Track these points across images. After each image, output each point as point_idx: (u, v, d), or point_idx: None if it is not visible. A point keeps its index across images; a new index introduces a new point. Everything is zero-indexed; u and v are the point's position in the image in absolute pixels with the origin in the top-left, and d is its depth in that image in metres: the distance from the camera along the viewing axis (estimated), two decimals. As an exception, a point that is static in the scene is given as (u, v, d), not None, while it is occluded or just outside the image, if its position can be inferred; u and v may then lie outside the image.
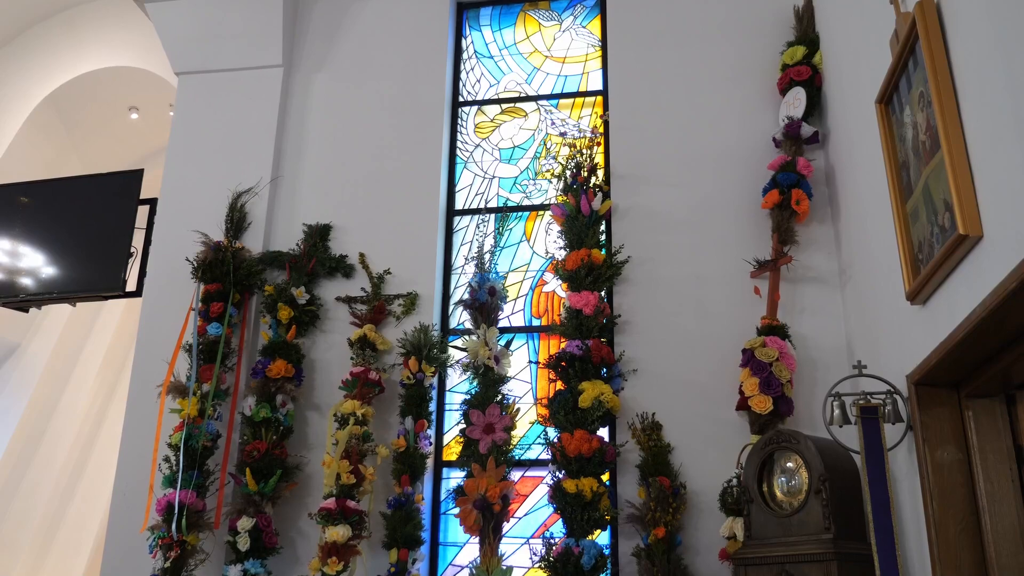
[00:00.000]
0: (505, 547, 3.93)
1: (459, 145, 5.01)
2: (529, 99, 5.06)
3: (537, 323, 4.60)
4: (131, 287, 4.85)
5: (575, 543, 3.67)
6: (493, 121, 5.07)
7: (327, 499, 3.91)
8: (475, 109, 5.11)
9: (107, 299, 5.12)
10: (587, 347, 3.98)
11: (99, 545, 7.59)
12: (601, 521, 3.78)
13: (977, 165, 2.20)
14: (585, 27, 5.14)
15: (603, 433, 4.00)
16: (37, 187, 5.33)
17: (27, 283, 5.07)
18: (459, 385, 4.48)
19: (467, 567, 4.02)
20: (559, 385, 4.08)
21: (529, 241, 4.76)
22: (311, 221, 4.76)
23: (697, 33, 4.67)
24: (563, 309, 4.23)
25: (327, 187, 4.86)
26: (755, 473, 3.31)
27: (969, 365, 2.54)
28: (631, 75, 4.69)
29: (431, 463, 4.26)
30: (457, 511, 3.95)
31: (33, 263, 5.12)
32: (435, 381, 4.32)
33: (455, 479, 4.26)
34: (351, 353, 4.32)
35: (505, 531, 3.94)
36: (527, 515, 4.24)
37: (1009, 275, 1.97)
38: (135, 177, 5.02)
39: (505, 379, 4.18)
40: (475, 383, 4.15)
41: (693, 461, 3.91)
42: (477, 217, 4.83)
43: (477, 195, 4.91)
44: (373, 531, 3.99)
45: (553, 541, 3.79)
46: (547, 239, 4.69)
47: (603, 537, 3.91)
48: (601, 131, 4.61)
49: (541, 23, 5.24)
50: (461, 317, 4.54)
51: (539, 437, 4.23)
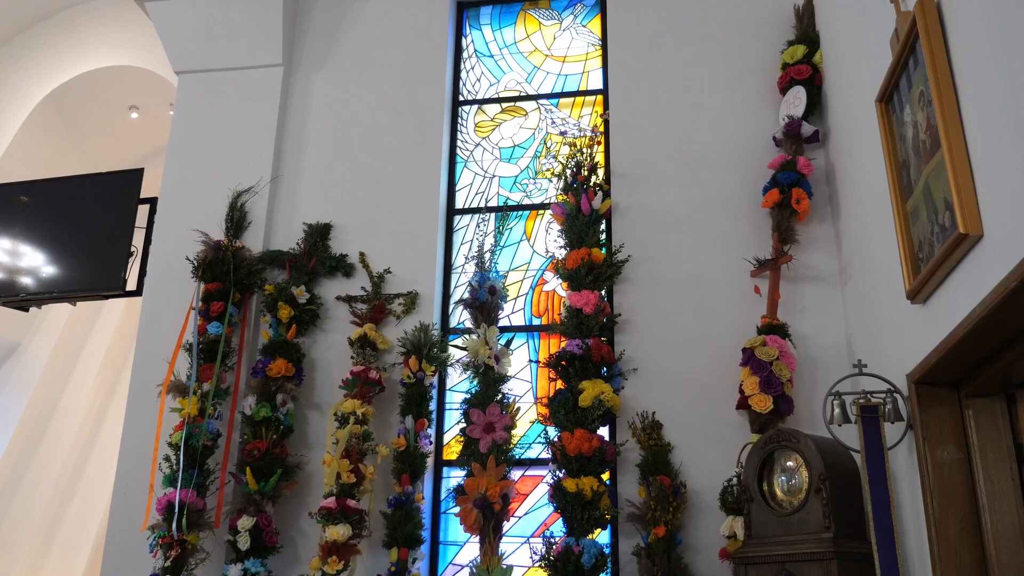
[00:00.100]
0: (505, 546, 3.93)
1: (459, 144, 5.01)
2: (529, 98, 5.06)
3: (537, 322, 4.60)
4: (131, 286, 4.86)
5: (575, 542, 3.66)
6: (493, 120, 5.07)
7: (327, 498, 3.92)
8: (475, 108, 5.11)
9: (107, 298, 5.12)
10: (587, 346, 3.98)
11: (99, 544, 7.59)
12: (601, 520, 3.78)
13: (977, 164, 2.20)
14: (585, 26, 5.14)
15: (603, 432, 4.00)
16: (37, 186, 5.34)
17: (27, 282, 5.08)
18: (459, 384, 4.48)
19: (467, 566, 4.02)
20: (559, 384, 4.08)
21: (529, 240, 4.76)
22: (311, 220, 4.76)
23: (697, 32, 4.67)
24: (563, 308, 4.23)
25: (327, 186, 4.86)
26: (755, 472, 3.31)
27: (969, 364, 2.54)
28: (631, 74, 4.69)
29: (431, 462, 4.26)
30: (457, 510, 3.94)
31: (33, 262, 5.12)
32: (435, 380, 4.33)
33: (455, 478, 4.25)
34: (351, 352, 4.32)
35: (505, 530, 3.94)
36: (527, 514, 4.24)
37: (1009, 274, 1.97)
38: (135, 176, 5.03)
39: (505, 378, 4.18)
40: (475, 382, 4.15)
41: (693, 460, 3.91)
42: (477, 216, 4.83)
43: (477, 194, 4.91)
44: (373, 530, 4.00)
45: (553, 540, 3.79)
46: (547, 238, 4.69)
47: (603, 536, 3.92)
48: (601, 130, 4.60)
49: (541, 22, 5.23)
50: (461, 316, 4.54)
51: (539, 436, 4.24)
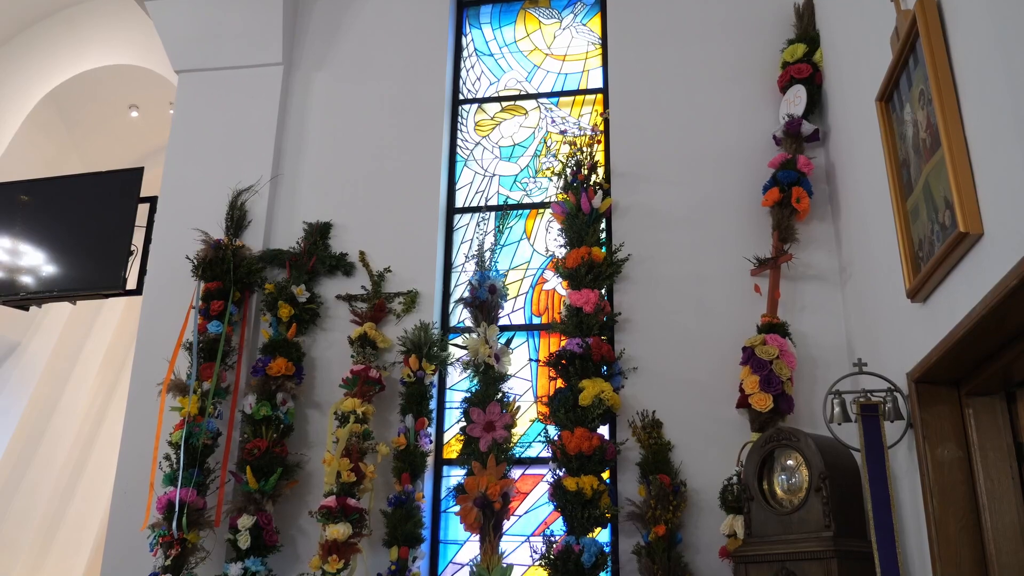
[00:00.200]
0: (505, 545, 3.94)
1: (459, 143, 5.01)
2: (529, 97, 5.05)
3: (537, 321, 4.60)
4: (131, 285, 4.86)
5: (575, 541, 3.66)
6: (493, 119, 5.07)
7: (327, 497, 3.92)
8: (475, 107, 5.10)
9: (107, 297, 5.13)
10: (587, 345, 3.98)
11: (99, 544, 7.59)
12: (601, 519, 3.78)
13: (978, 163, 2.20)
14: (585, 25, 5.14)
15: (603, 431, 4.00)
16: (37, 185, 5.34)
17: (27, 281, 5.08)
18: (459, 383, 4.48)
19: (467, 565, 4.02)
20: (559, 383, 4.08)
21: (529, 239, 4.76)
22: (311, 219, 4.76)
23: (697, 31, 4.67)
24: (563, 307, 4.23)
25: (327, 185, 4.86)
26: (755, 471, 3.31)
27: (969, 363, 2.54)
28: (631, 73, 4.69)
29: (431, 461, 4.26)
30: (457, 509, 3.95)
31: (33, 261, 5.13)
32: (435, 379, 4.33)
33: (455, 477, 4.25)
34: (351, 351, 4.32)
35: (505, 529, 3.94)
36: (527, 513, 4.24)
37: (1009, 273, 1.97)
38: (135, 175, 5.03)
39: (505, 377, 4.18)
40: (475, 381, 4.15)
41: (693, 459, 3.91)
42: (477, 215, 4.82)
43: (477, 193, 4.91)
44: (373, 529, 4.00)
45: (553, 539, 3.79)
46: (547, 237, 4.69)
47: (603, 535, 3.92)
48: (601, 129, 4.60)
49: (541, 21, 5.23)
50: (461, 315, 4.54)
51: (539, 435, 4.24)
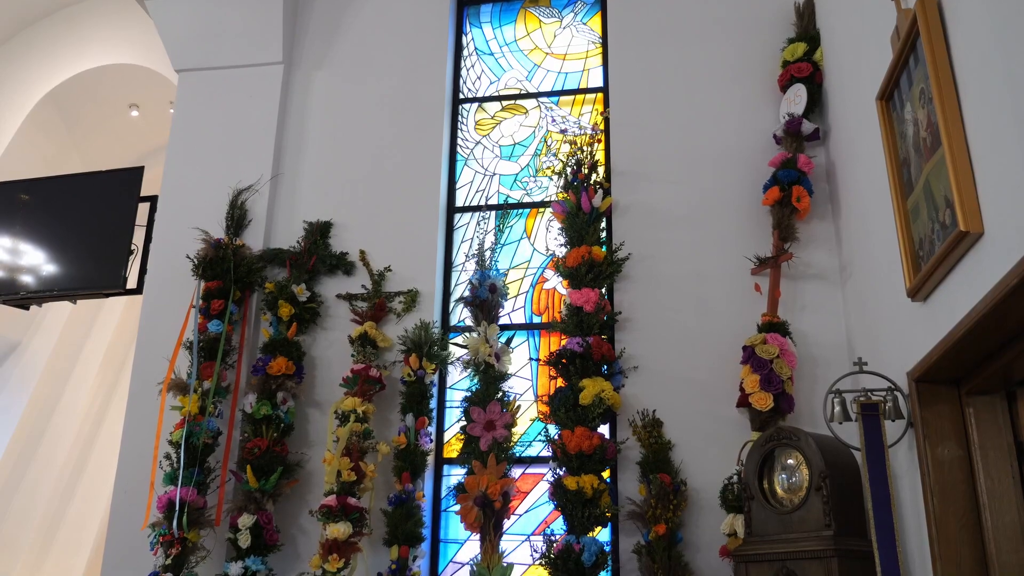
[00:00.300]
0: (506, 544, 3.94)
1: (459, 142, 5.01)
2: (530, 96, 5.05)
3: (538, 320, 4.60)
4: (132, 284, 4.87)
5: (576, 540, 3.66)
6: (494, 118, 5.07)
7: (328, 496, 3.92)
8: (476, 106, 5.10)
9: (108, 296, 5.13)
10: (588, 344, 3.98)
11: (100, 543, 7.59)
12: (602, 518, 3.78)
13: (978, 161, 2.20)
14: (585, 24, 5.14)
15: (604, 430, 4.00)
16: (37, 184, 5.34)
17: (28, 280, 5.08)
18: (460, 382, 4.48)
19: (468, 564, 4.02)
20: (560, 382, 4.08)
21: (530, 238, 4.76)
22: (312, 218, 4.76)
23: (698, 30, 4.67)
24: (564, 306, 4.23)
25: (327, 184, 4.86)
26: (756, 470, 3.31)
27: (970, 362, 2.54)
28: (632, 72, 4.69)
29: (432, 460, 4.26)
30: (458, 508, 3.95)
31: (34, 260, 5.13)
32: (436, 378, 4.33)
33: (456, 476, 4.26)
34: (352, 350, 4.32)
35: (506, 528, 3.94)
36: (528, 512, 4.24)
37: (1010, 272, 1.97)
38: (135, 174, 5.04)
39: (506, 376, 4.18)
40: (476, 380, 4.15)
41: (694, 458, 3.91)
42: (478, 214, 4.83)
43: (478, 192, 4.91)
44: (374, 528, 4.00)
45: (554, 538, 3.79)
46: (548, 236, 4.69)
47: (604, 534, 3.92)
48: (602, 128, 4.60)
49: (541, 20, 5.23)
50: (462, 314, 4.54)
51: (540, 434, 4.24)
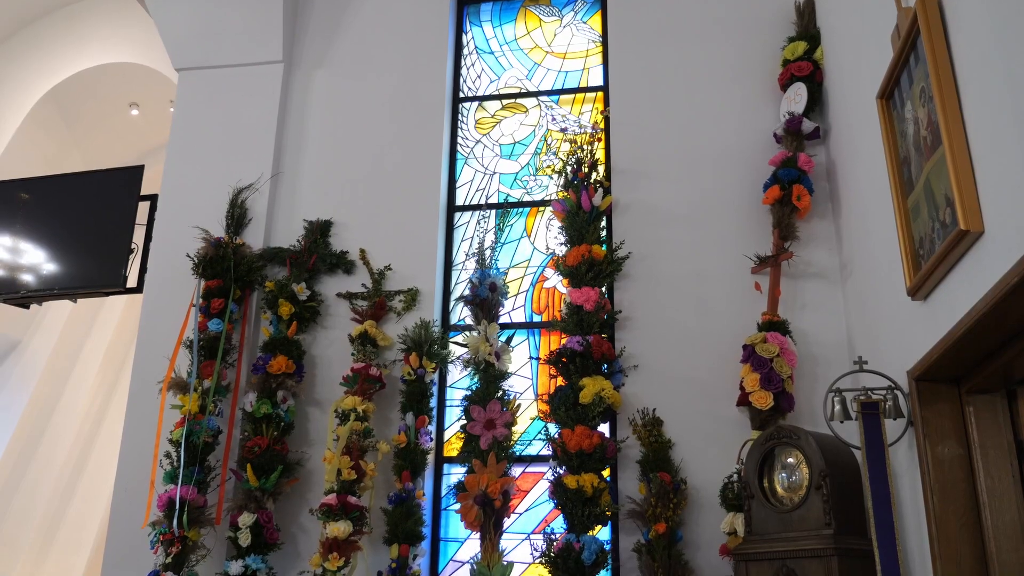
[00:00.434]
0: (506, 543, 3.93)
1: (460, 141, 5.01)
2: (530, 95, 5.05)
3: (538, 319, 4.60)
4: (132, 283, 4.87)
5: (576, 539, 3.67)
6: (494, 117, 5.07)
7: (328, 495, 3.92)
8: (476, 105, 5.10)
9: (108, 295, 5.13)
10: (588, 343, 3.98)
11: (100, 541, 7.60)
12: (602, 517, 3.78)
13: (978, 160, 2.20)
14: (586, 23, 5.13)
15: (604, 429, 4.00)
16: (38, 183, 5.34)
17: (28, 279, 5.08)
18: (460, 381, 4.48)
19: (468, 563, 4.02)
20: (560, 381, 4.08)
21: (530, 237, 4.76)
22: (312, 217, 4.75)
23: (698, 28, 4.67)
24: (564, 305, 4.23)
25: (328, 183, 4.86)
26: (756, 469, 3.31)
27: (970, 361, 2.54)
28: (632, 71, 4.68)
29: (432, 459, 4.26)
30: (458, 507, 3.95)
31: (34, 259, 5.13)
32: (436, 377, 4.33)
33: (456, 475, 4.26)
34: (352, 349, 4.32)
35: (506, 527, 3.94)
36: (528, 511, 4.24)
37: (1010, 270, 1.97)
38: (136, 173, 5.04)
39: (506, 375, 4.18)
40: (476, 379, 4.15)
41: (694, 457, 3.91)
42: (478, 213, 4.82)
43: (478, 191, 4.91)
44: (374, 527, 4.00)
45: (554, 537, 3.78)
46: (548, 235, 4.69)
47: (604, 533, 3.92)
48: (602, 127, 4.59)
49: (542, 19, 5.23)
50: (462, 313, 4.54)
51: (540, 433, 4.24)
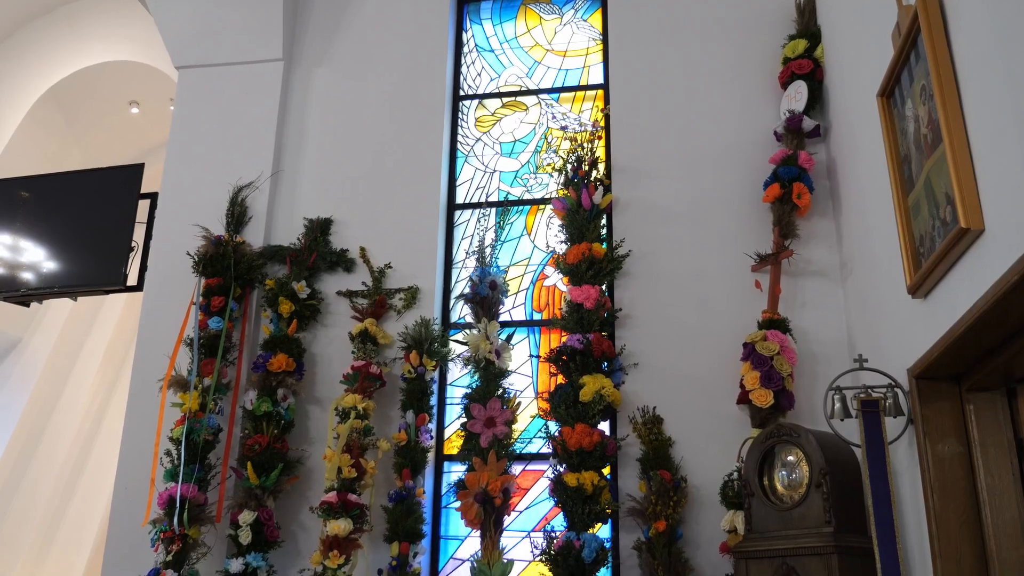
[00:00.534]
0: (506, 540, 3.94)
1: (460, 139, 5.01)
2: (530, 93, 5.05)
3: (538, 317, 4.60)
4: (132, 281, 4.87)
5: (576, 536, 3.67)
6: (494, 115, 5.07)
7: (328, 493, 3.92)
8: (476, 103, 5.10)
9: (108, 293, 5.13)
10: (588, 341, 3.98)
11: (101, 540, 7.61)
12: (602, 514, 3.78)
13: (979, 158, 2.19)
14: (586, 21, 5.13)
15: (604, 427, 4.00)
16: (38, 181, 5.34)
17: (28, 277, 5.08)
18: (460, 379, 4.48)
19: (468, 560, 4.03)
20: (560, 379, 4.08)
21: (530, 235, 4.76)
22: (312, 215, 4.75)
23: (698, 26, 4.67)
24: (564, 303, 4.23)
25: (328, 181, 4.86)
26: (756, 466, 3.32)
27: (970, 359, 2.54)
28: (632, 69, 4.68)
29: (432, 457, 4.27)
30: (458, 505, 3.95)
31: (34, 257, 5.13)
32: (436, 375, 4.33)
33: (456, 473, 4.26)
34: (352, 347, 4.32)
35: (506, 525, 3.95)
36: (528, 509, 4.25)
37: (1011, 268, 1.97)
38: (136, 171, 5.03)
39: (506, 373, 4.18)
40: (476, 377, 4.15)
41: (694, 455, 3.92)
42: (478, 211, 4.82)
43: (478, 189, 4.91)
44: (374, 525, 4.00)
45: (554, 534, 3.79)
46: (548, 233, 4.69)
47: (604, 530, 3.93)
48: (602, 125, 4.59)
49: (542, 17, 5.23)
50: (462, 311, 4.54)
51: (540, 431, 4.24)
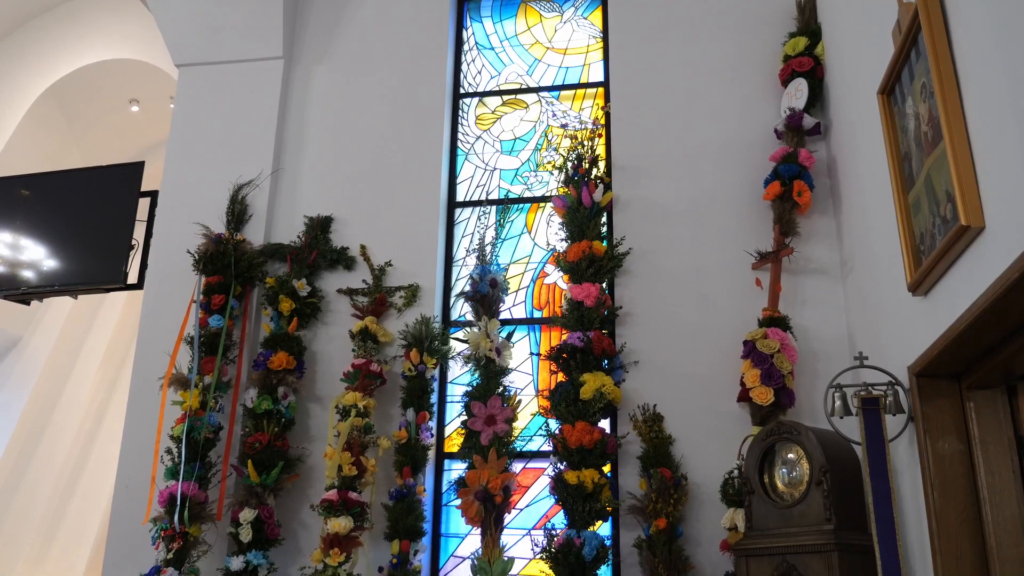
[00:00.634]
0: (507, 538, 3.94)
1: (460, 137, 5.00)
2: (530, 91, 5.04)
3: (538, 315, 4.60)
4: (132, 280, 4.86)
5: (576, 534, 3.67)
6: (494, 113, 5.06)
7: (329, 490, 3.92)
8: (476, 101, 5.10)
9: (108, 292, 5.12)
10: (588, 339, 3.98)
11: (101, 538, 7.61)
12: (602, 512, 3.78)
13: (979, 156, 2.19)
14: (586, 18, 5.13)
15: (604, 425, 4.01)
16: (38, 180, 5.33)
17: (28, 276, 5.08)
18: (460, 377, 4.48)
19: (469, 558, 4.03)
20: (560, 377, 4.08)
21: (530, 233, 4.76)
22: (312, 213, 4.75)
23: (699, 24, 4.66)
24: (564, 301, 4.23)
25: (328, 179, 4.85)
26: (756, 464, 3.32)
27: (970, 356, 2.54)
28: (632, 66, 4.68)
29: (433, 455, 4.27)
30: (459, 502, 3.96)
31: (34, 256, 5.13)
32: (436, 373, 4.33)
33: (457, 471, 4.27)
34: (353, 345, 4.33)
35: (507, 522, 3.95)
36: (529, 506, 4.25)
37: (1011, 266, 1.97)
38: (136, 169, 5.03)
39: (506, 371, 4.19)
40: (476, 375, 4.15)
41: (694, 452, 3.92)
42: (478, 209, 4.82)
43: (478, 187, 4.91)
44: (375, 522, 4.00)
45: (555, 532, 3.79)
46: (548, 231, 4.68)
47: (604, 528, 3.92)
48: (602, 122, 4.59)
49: (542, 14, 5.22)
50: (462, 309, 4.54)
51: (540, 429, 4.24)
